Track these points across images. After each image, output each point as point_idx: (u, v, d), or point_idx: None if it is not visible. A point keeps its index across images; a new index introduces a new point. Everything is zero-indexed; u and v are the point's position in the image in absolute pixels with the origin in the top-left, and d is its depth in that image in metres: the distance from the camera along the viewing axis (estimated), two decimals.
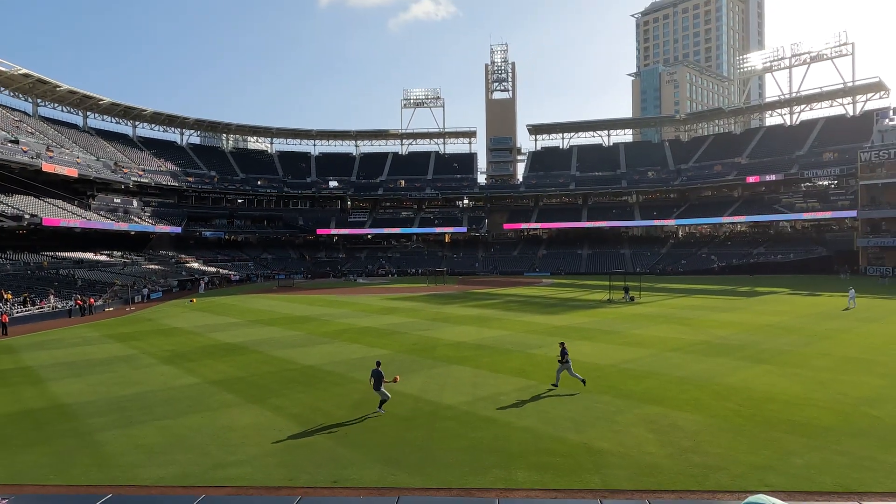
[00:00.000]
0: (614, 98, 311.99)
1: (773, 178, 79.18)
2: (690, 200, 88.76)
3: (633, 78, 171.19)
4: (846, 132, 79.28)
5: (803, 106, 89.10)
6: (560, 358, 16.43)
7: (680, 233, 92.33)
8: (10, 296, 40.37)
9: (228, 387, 17.86)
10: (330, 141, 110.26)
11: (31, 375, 20.37)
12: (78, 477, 10.69)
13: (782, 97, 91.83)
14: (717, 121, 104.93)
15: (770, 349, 22.23)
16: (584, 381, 16.51)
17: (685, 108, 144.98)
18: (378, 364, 14.79)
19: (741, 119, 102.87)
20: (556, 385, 16.77)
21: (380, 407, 14.62)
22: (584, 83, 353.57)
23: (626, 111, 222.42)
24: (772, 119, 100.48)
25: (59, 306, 41.27)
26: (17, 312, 37.18)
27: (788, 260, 71.23)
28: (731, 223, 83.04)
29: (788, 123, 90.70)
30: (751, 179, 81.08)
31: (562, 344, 16.82)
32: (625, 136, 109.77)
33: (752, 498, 2.05)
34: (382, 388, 14.55)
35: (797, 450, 11.35)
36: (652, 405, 14.72)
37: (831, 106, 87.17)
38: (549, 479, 10.20)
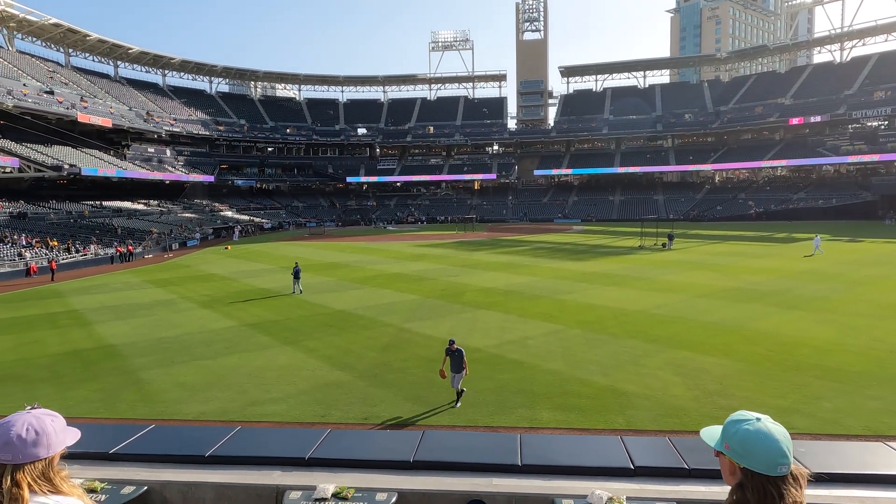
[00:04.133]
0: (651, 37, 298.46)
1: (818, 119, 75.48)
2: (729, 144, 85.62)
3: (671, 14, 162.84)
4: None
5: (855, 41, 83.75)
6: (294, 273, 25.46)
7: (716, 178, 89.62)
8: (56, 243, 42.01)
9: (263, 330, 18.48)
10: (357, 87, 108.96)
11: (79, 318, 21.40)
12: (125, 411, 11.36)
13: (833, 32, 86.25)
14: (760, 59, 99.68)
15: (804, 295, 21.79)
16: (301, 292, 25.08)
17: (727, 45, 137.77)
18: (452, 343, 11.44)
19: (787, 57, 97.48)
20: (301, 292, 25.08)
21: (458, 400, 11.39)
22: (619, 21, 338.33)
23: (663, 51, 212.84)
24: (820, 56, 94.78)
25: (101, 253, 42.83)
26: (63, 259, 38.76)
27: (830, 205, 68.63)
28: (770, 167, 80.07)
29: (838, 61, 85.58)
30: (794, 121, 77.48)
31: (296, 263, 26.44)
32: (661, 77, 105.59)
33: (734, 415, 2.05)
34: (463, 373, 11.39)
35: (826, 394, 11.28)
36: (679, 349, 14.72)
37: (886, 41, 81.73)
38: (573, 418, 10.41)
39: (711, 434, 2.02)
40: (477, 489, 4.42)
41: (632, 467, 4.63)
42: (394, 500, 4.32)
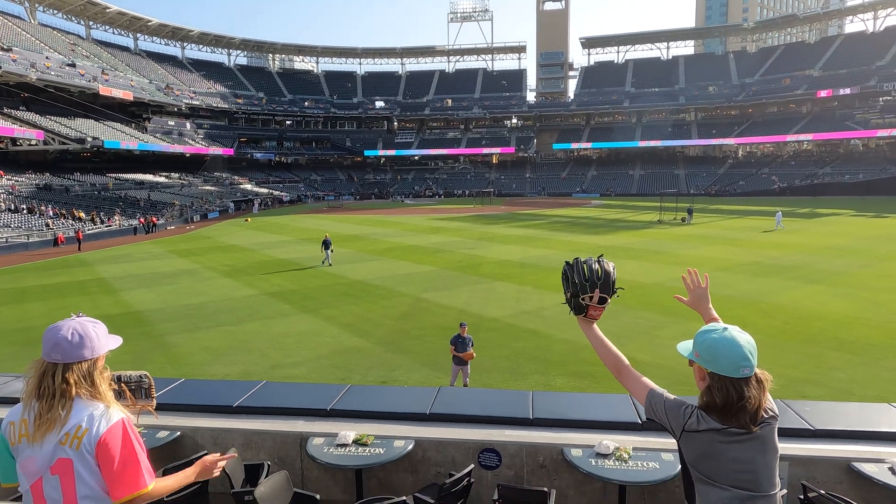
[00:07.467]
0: (676, 7, 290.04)
1: (847, 91, 73.27)
2: (753, 117, 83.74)
3: None
4: None
5: (890, 9, 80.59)
6: (324, 247, 25.40)
7: (740, 152, 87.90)
8: (82, 214, 42.93)
9: (284, 298, 18.89)
10: (375, 59, 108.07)
11: (106, 286, 22.05)
12: (154, 372, 11.56)
13: (866, 0, 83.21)
14: (789, 29, 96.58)
15: (825, 270, 21.61)
16: (330, 264, 24.92)
17: (755, 15, 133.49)
18: (463, 327, 10.35)
19: (818, 26, 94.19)
20: (330, 265, 24.89)
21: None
22: None
23: (688, 21, 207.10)
24: (852, 26, 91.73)
25: (125, 224, 43.70)
26: (88, 230, 39.65)
27: (857, 180, 67.08)
28: (796, 141, 78.29)
29: (871, 30, 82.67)
30: (822, 94, 75.38)
31: (326, 236, 26.42)
32: (686, 48, 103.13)
33: (704, 327, 2.27)
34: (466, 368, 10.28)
35: (841, 365, 11.33)
36: (694, 322, 14.44)
37: None
38: (586, 384, 10.62)
39: (685, 346, 2.25)
40: (490, 439, 4.64)
41: (639, 422, 4.81)
42: (411, 447, 4.56)
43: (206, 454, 4.66)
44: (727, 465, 2.07)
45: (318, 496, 4.20)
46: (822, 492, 3.80)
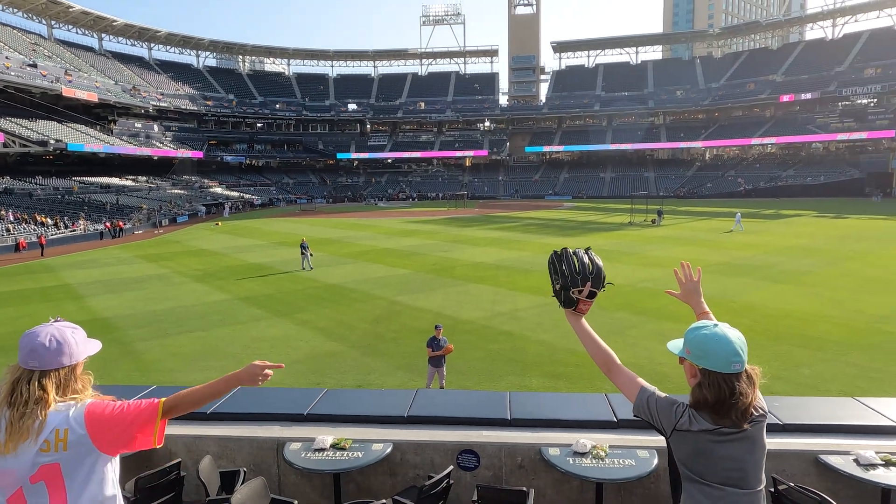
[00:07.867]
0: (645, 12, 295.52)
1: (808, 96, 75.65)
2: (720, 121, 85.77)
3: None
4: (892, 46, 74.58)
5: (848, 17, 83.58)
6: (303, 251, 24.77)
7: (707, 155, 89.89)
8: (45, 218, 41.68)
9: (256, 303, 18.61)
10: (348, 62, 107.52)
11: (71, 292, 21.43)
12: (122, 380, 11.52)
13: (826, 8, 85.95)
14: (753, 35, 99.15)
15: (790, 270, 22.22)
16: (311, 268, 24.36)
17: (720, 21, 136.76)
18: (438, 329, 10.43)
19: (779, 33, 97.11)
20: (311, 268, 24.39)
21: None
22: None
23: (656, 27, 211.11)
24: (812, 33, 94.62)
25: (91, 229, 42.56)
26: (51, 235, 38.50)
27: (818, 182, 69.26)
28: (761, 144, 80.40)
29: (830, 37, 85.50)
30: (785, 98, 77.64)
31: (303, 240, 25.92)
32: (654, 53, 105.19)
33: (694, 324, 2.29)
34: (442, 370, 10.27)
35: (806, 361, 11.67)
36: (666, 321, 15.04)
37: (878, 17, 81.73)
38: (561, 385, 10.72)
39: (676, 344, 2.27)
40: (468, 440, 4.66)
41: (615, 420, 4.88)
42: (389, 450, 4.55)
43: (181, 462, 4.59)
44: (718, 463, 2.08)
45: (295, 502, 4.15)
46: (792, 484, 3.91)
